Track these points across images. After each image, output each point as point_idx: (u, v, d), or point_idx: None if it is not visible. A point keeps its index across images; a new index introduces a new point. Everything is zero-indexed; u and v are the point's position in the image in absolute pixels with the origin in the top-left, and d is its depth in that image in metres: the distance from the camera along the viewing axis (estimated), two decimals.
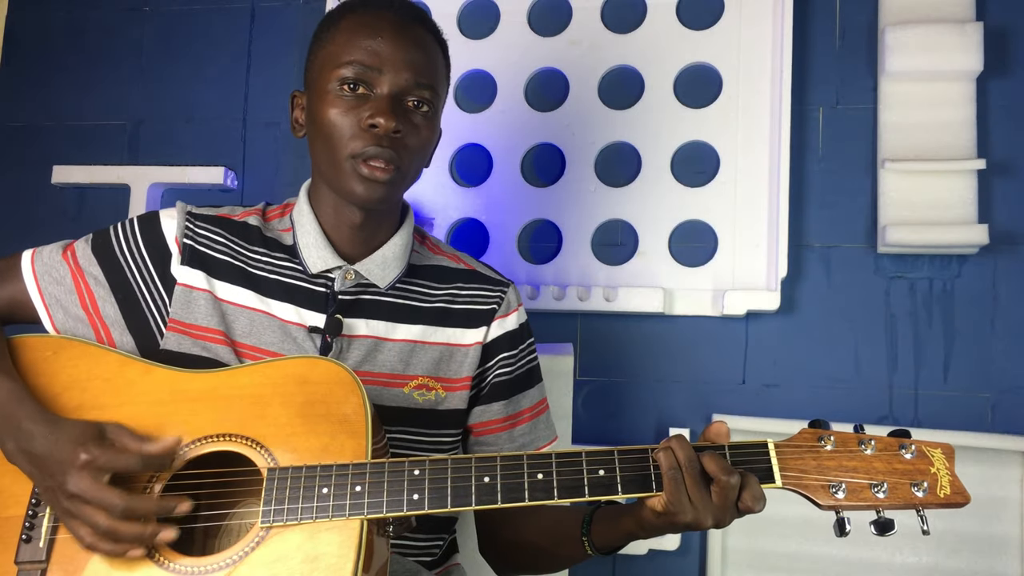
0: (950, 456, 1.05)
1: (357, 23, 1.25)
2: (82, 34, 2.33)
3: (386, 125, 1.20)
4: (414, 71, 1.23)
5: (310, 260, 1.31)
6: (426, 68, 1.25)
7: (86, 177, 2.22)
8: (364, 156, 1.21)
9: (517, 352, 1.39)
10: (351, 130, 1.21)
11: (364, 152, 1.21)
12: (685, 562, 1.91)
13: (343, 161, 1.22)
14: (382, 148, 1.21)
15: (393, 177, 1.23)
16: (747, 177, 1.95)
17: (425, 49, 1.26)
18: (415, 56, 1.24)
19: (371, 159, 1.21)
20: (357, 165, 1.22)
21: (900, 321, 1.90)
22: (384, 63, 1.22)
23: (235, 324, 1.28)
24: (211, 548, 1.19)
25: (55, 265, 1.31)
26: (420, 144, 1.26)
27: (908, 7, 1.93)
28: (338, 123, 1.22)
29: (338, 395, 1.12)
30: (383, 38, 1.23)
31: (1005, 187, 1.89)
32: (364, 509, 1.05)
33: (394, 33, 1.24)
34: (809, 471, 1.05)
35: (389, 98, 1.22)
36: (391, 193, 1.26)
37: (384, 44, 1.23)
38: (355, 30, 1.24)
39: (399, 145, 1.22)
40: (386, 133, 1.20)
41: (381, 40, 1.23)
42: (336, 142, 1.22)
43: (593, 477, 1.06)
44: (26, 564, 1.08)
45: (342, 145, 1.22)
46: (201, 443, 1.13)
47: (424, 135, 1.26)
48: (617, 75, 2.07)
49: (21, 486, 1.13)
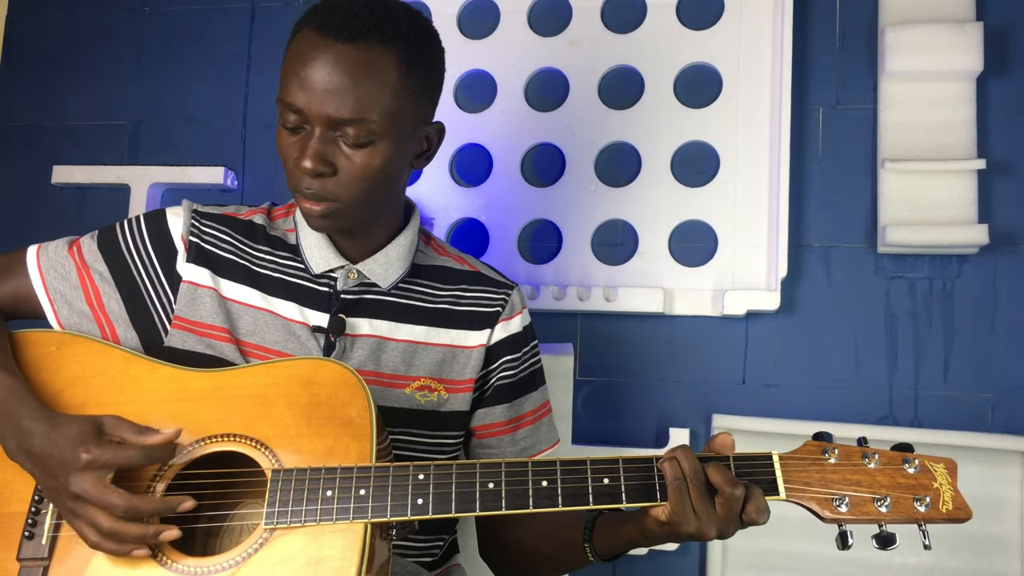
0: (952, 471, 1.06)
1: (293, 51, 1.19)
2: (82, 34, 2.33)
3: (305, 168, 1.17)
4: (335, 106, 1.15)
5: (313, 260, 1.31)
6: (347, 98, 1.15)
7: (86, 177, 2.21)
8: (298, 193, 1.21)
9: (521, 355, 1.39)
10: (290, 165, 1.20)
11: (298, 189, 1.20)
12: (685, 562, 1.92)
13: (293, 192, 1.23)
14: (310, 190, 1.19)
15: (328, 210, 1.21)
16: (747, 177, 1.95)
17: (359, 77, 1.16)
18: (343, 89, 1.15)
19: (304, 196, 1.20)
20: (298, 197, 1.22)
21: (900, 321, 1.90)
22: (309, 102, 1.15)
23: (239, 322, 1.29)
24: (213, 548, 1.19)
25: (60, 260, 1.31)
26: (356, 175, 1.19)
27: (908, 7, 1.93)
28: (283, 155, 1.21)
29: (343, 397, 1.12)
30: (305, 72, 1.16)
31: (1005, 187, 1.89)
32: (368, 513, 1.05)
33: (321, 66, 1.15)
34: (813, 484, 1.06)
35: (313, 138, 1.17)
36: (337, 223, 1.24)
37: (306, 80, 1.15)
38: (289, 60, 1.19)
39: (331, 184, 1.19)
40: (310, 175, 1.18)
41: (303, 75, 1.16)
42: (286, 171, 1.22)
43: (598, 485, 1.07)
44: (28, 561, 1.09)
45: (288, 174, 1.22)
46: (205, 443, 1.13)
47: (359, 165, 1.18)
48: (617, 75, 2.07)
49: (23, 483, 1.13)
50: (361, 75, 1.16)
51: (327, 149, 1.17)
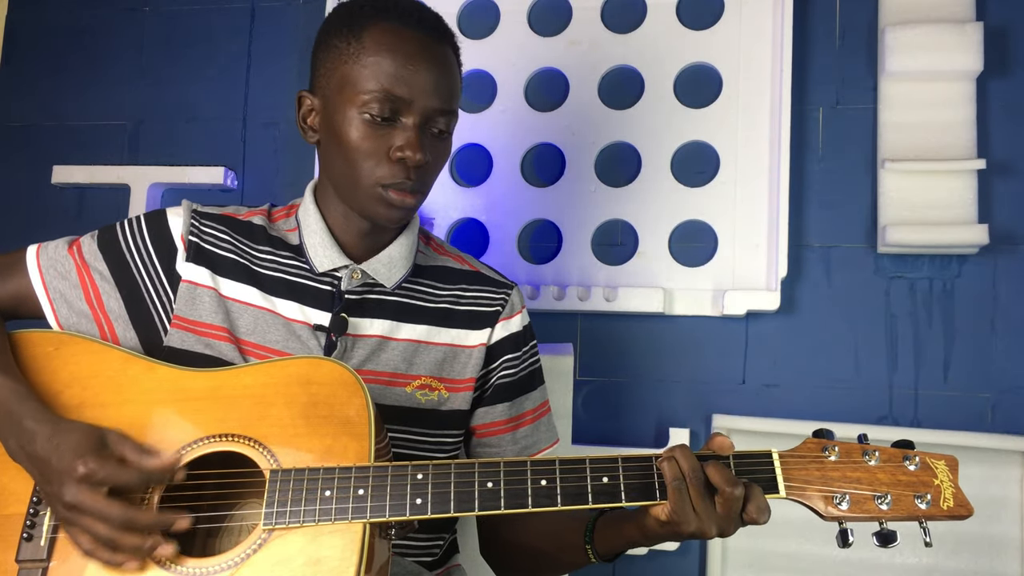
0: (954, 468, 1.05)
1: (384, 44, 1.21)
2: (82, 34, 2.33)
3: (416, 159, 1.20)
4: (441, 99, 1.22)
5: (317, 259, 1.31)
6: (452, 93, 1.25)
7: (86, 177, 2.21)
8: (392, 186, 1.22)
9: (521, 354, 1.40)
10: (378, 158, 1.21)
11: (393, 183, 1.22)
12: (685, 562, 1.92)
13: (369, 187, 1.23)
14: (411, 181, 1.22)
15: (417, 202, 1.26)
16: (747, 177, 1.95)
17: (451, 71, 1.25)
18: (443, 82, 1.23)
19: (398, 187, 1.22)
20: (384, 192, 1.23)
21: (900, 321, 1.90)
22: (415, 94, 1.20)
23: (239, 321, 1.29)
24: (212, 548, 1.19)
25: (60, 260, 1.31)
26: (440, 166, 1.28)
27: (908, 7, 1.93)
28: (363, 148, 1.21)
29: (341, 396, 1.12)
30: (413, 67, 1.20)
31: (1005, 187, 1.89)
32: (367, 513, 1.05)
33: (424, 59, 1.21)
34: (813, 482, 1.06)
35: (417, 129, 1.21)
36: (412, 215, 1.30)
37: (414, 73, 1.20)
38: (382, 52, 1.20)
39: (424, 172, 1.24)
40: (416, 166, 1.21)
41: (411, 69, 1.20)
42: (361, 167, 1.22)
43: (597, 484, 1.06)
44: (27, 563, 1.08)
45: (367, 171, 1.22)
46: (203, 443, 1.13)
47: (444, 157, 1.28)
48: (617, 75, 2.07)
49: (22, 484, 1.12)
50: (454, 70, 1.27)
51: (427, 141, 1.23)
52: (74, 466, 1.04)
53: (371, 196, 1.23)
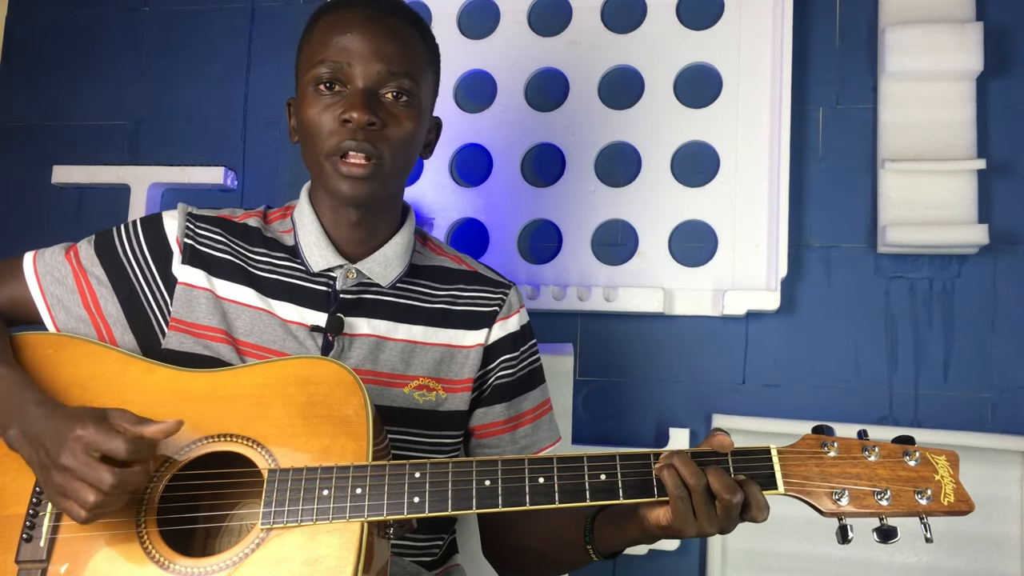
0: (954, 463, 1.05)
1: (329, 22, 1.25)
2: (82, 34, 2.33)
3: (359, 118, 1.19)
4: (385, 61, 1.22)
5: (312, 259, 1.31)
6: (399, 57, 1.24)
7: (86, 177, 2.21)
8: (341, 152, 1.22)
9: (519, 354, 1.39)
10: (328, 127, 1.22)
11: (341, 148, 1.21)
12: (685, 562, 1.92)
13: (324, 160, 1.23)
14: (358, 142, 1.21)
15: (373, 171, 1.22)
16: (747, 177, 1.95)
17: (399, 38, 1.25)
18: (386, 47, 1.23)
19: (348, 155, 1.21)
20: (336, 163, 1.22)
21: (900, 321, 1.90)
22: (354, 57, 1.22)
23: (236, 322, 1.29)
24: (212, 548, 1.19)
25: (57, 265, 1.31)
26: (403, 135, 1.24)
27: (908, 7, 1.92)
28: (316, 122, 1.22)
29: (339, 396, 1.12)
30: (352, 32, 1.23)
31: (1005, 187, 1.89)
32: (364, 512, 1.05)
33: (364, 26, 1.23)
34: (812, 478, 1.05)
35: (362, 92, 1.21)
36: (376, 188, 1.25)
37: (354, 39, 1.22)
38: (327, 29, 1.25)
39: (377, 138, 1.22)
40: (360, 126, 1.20)
41: (351, 35, 1.23)
42: (316, 141, 1.23)
43: (595, 481, 1.06)
44: (27, 563, 1.09)
45: (321, 143, 1.22)
46: (202, 443, 1.13)
47: (406, 125, 1.24)
48: (617, 75, 2.07)
49: (22, 484, 1.13)
50: (407, 39, 1.26)
51: (374, 102, 1.22)
52: (71, 428, 1.04)
53: (329, 172, 1.23)
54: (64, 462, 1.03)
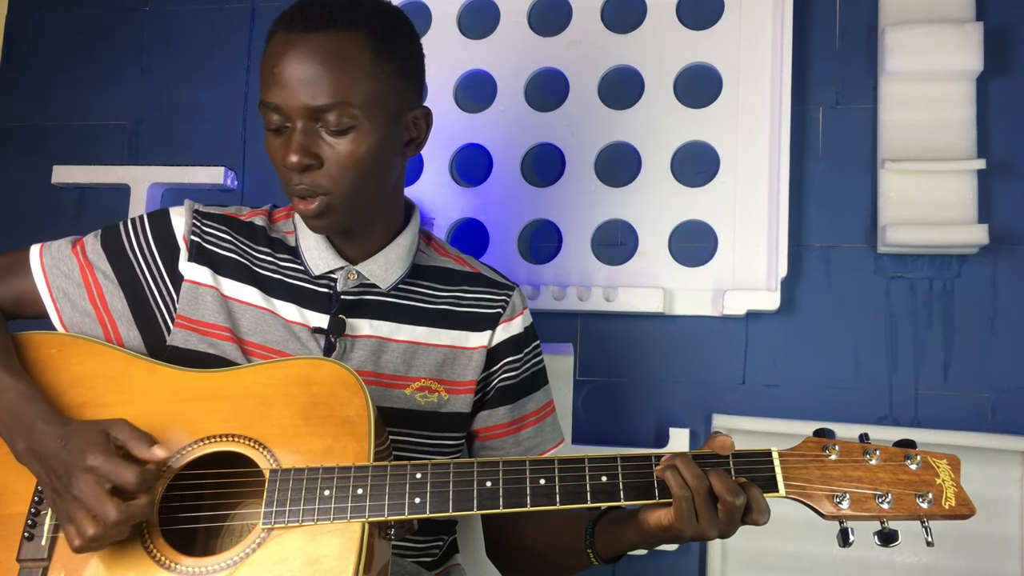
0: (956, 467, 1.05)
1: (268, 53, 1.21)
2: (82, 34, 2.33)
3: (294, 163, 1.17)
4: (309, 95, 1.15)
5: (312, 262, 1.31)
6: (327, 85, 1.16)
7: (86, 177, 2.21)
8: (291, 193, 1.22)
9: (522, 356, 1.39)
10: (280, 166, 1.21)
11: (291, 189, 1.21)
12: (685, 562, 1.92)
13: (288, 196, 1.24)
14: (303, 186, 1.19)
15: (323, 208, 1.21)
16: (747, 177, 1.95)
17: (327, 61, 1.16)
18: (312, 75, 1.16)
19: (297, 196, 1.21)
20: (294, 201, 1.23)
21: (900, 321, 1.90)
22: (286, 96, 1.16)
23: (241, 321, 1.29)
24: (213, 548, 1.19)
25: (64, 259, 1.31)
26: (344, 164, 1.19)
27: (908, 7, 1.92)
28: (272, 160, 1.22)
29: (341, 397, 1.12)
30: (280, 67, 1.17)
31: (1005, 187, 1.89)
32: (365, 512, 1.05)
33: (290, 57, 1.17)
34: (813, 481, 1.05)
35: (297, 133, 1.17)
36: (335, 219, 1.24)
37: (282, 73, 1.17)
38: (267, 61, 1.20)
39: (320, 176, 1.19)
40: (297, 170, 1.18)
41: (279, 69, 1.17)
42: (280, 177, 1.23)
43: (595, 483, 1.06)
44: (28, 562, 1.09)
45: (281, 180, 1.23)
46: (204, 443, 1.13)
47: (344, 152, 1.18)
48: (617, 75, 2.07)
49: (24, 483, 1.13)
50: (333, 61, 1.17)
51: (310, 141, 1.18)
52: (83, 458, 1.04)
53: (294, 206, 1.24)
54: (75, 492, 1.04)
